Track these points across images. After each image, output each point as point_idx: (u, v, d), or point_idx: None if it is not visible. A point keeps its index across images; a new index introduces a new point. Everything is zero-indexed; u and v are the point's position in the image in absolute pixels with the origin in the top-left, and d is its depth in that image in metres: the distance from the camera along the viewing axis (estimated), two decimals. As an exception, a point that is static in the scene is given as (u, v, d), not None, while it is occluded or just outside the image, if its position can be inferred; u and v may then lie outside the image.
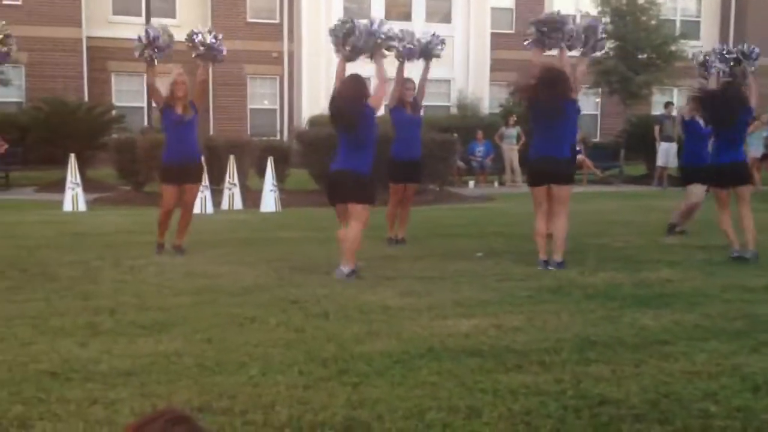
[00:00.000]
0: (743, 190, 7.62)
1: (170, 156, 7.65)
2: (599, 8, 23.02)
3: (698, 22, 28.75)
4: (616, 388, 3.77)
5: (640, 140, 20.49)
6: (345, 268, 6.56)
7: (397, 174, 8.54)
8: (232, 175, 13.26)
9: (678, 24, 27.14)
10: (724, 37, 28.85)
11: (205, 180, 12.35)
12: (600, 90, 22.77)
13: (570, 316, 5.22)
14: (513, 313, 5.29)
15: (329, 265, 7.05)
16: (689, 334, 4.76)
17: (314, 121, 18.04)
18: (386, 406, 3.48)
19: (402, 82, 8.56)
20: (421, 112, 9.00)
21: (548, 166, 7.07)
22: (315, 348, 4.39)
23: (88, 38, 23.67)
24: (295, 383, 3.78)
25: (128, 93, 23.76)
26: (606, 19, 22.88)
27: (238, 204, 13.23)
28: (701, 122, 8.70)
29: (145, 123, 21.72)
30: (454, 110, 23.49)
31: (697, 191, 9.04)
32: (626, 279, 6.53)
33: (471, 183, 19.06)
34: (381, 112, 7.74)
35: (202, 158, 8.36)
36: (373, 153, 6.76)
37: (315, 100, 21.02)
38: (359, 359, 4.18)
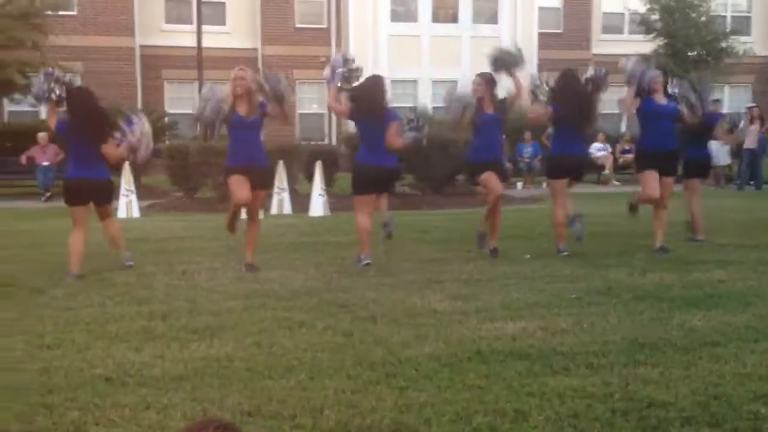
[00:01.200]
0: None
1: (232, 161, 7.22)
2: (648, 5, 22.75)
3: (749, 18, 28.12)
4: (665, 390, 3.75)
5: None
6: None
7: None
8: (281, 179, 13.43)
9: (729, 20, 26.59)
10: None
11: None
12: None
13: (618, 318, 5.19)
14: (561, 315, 5.28)
15: (377, 268, 7.12)
16: (740, 335, 4.69)
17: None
18: (433, 410, 3.52)
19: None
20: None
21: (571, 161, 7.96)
22: (363, 352, 4.45)
23: (142, 47, 24.23)
24: (344, 387, 3.83)
25: (180, 100, 24.19)
26: (655, 16, 22.62)
27: (287, 209, 13.40)
28: None
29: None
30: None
31: None
32: (676, 280, 6.46)
33: (519, 184, 18.96)
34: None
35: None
36: None
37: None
38: (407, 363, 4.22)
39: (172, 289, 6.39)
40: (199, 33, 21.46)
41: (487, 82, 8.01)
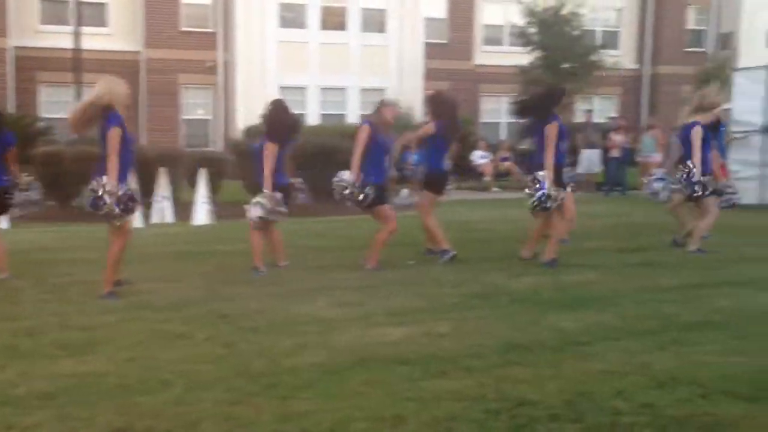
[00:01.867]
0: None
1: None
2: (526, 19, 23.59)
3: (617, 32, 29.66)
4: (535, 389, 3.93)
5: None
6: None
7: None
8: (163, 187, 13.12)
9: (599, 34, 27.95)
10: (641, 46, 29.90)
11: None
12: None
13: (495, 321, 5.40)
14: (442, 320, 5.43)
15: (262, 278, 7.11)
16: (605, 335, 4.99)
17: (250, 132, 17.95)
18: (313, 419, 3.56)
19: None
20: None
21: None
22: (244, 363, 4.44)
23: (15, 48, 23.17)
24: (222, 399, 3.82)
25: (56, 104, 23.21)
26: (533, 30, 23.52)
27: (169, 217, 13.10)
28: None
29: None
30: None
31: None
32: (549, 283, 6.77)
33: (404, 191, 19.21)
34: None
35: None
36: None
37: (250, 110, 20.95)
38: (289, 372, 4.25)
39: (41, 303, 6.13)
40: (77, 34, 20.72)
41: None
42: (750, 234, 9.95)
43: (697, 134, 8.26)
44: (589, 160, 18.98)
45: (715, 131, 8.85)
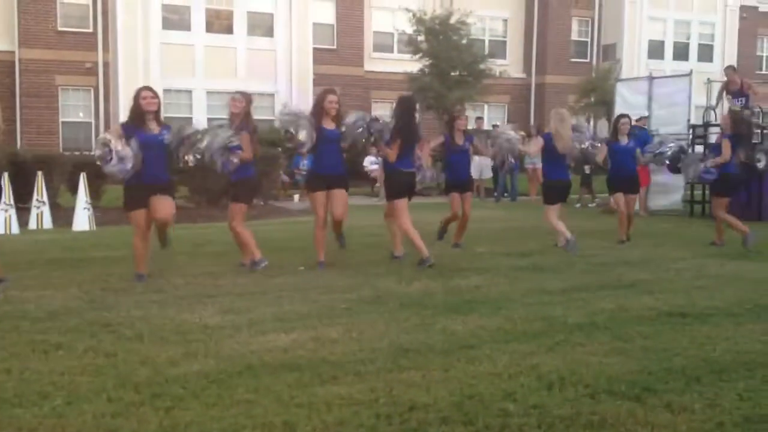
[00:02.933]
0: None
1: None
2: (414, 27, 23.91)
3: (505, 42, 30.56)
4: (426, 393, 3.93)
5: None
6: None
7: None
8: (40, 192, 12.53)
9: (487, 44, 28.72)
10: (527, 56, 30.92)
11: (9, 198, 11.64)
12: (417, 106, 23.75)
13: (385, 326, 5.39)
14: (332, 325, 5.38)
15: (145, 285, 6.86)
16: (493, 338, 5.05)
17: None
18: (199, 429, 3.44)
19: None
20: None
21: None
22: (126, 373, 4.25)
23: None
24: (104, 411, 3.64)
25: None
26: (421, 38, 23.89)
27: (47, 223, 12.52)
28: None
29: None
30: (278, 124, 23.50)
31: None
32: (439, 287, 6.83)
33: (296, 197, 19.12)
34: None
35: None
36: None
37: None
38: (174, 382, 4.09)
39: None
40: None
41: (248, 102, 8.12)
42: (633, 238, 10.36)
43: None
44: (480, 166, 19.41)
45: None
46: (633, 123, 13.82)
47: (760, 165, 12.80)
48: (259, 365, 4.42)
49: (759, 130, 13.75)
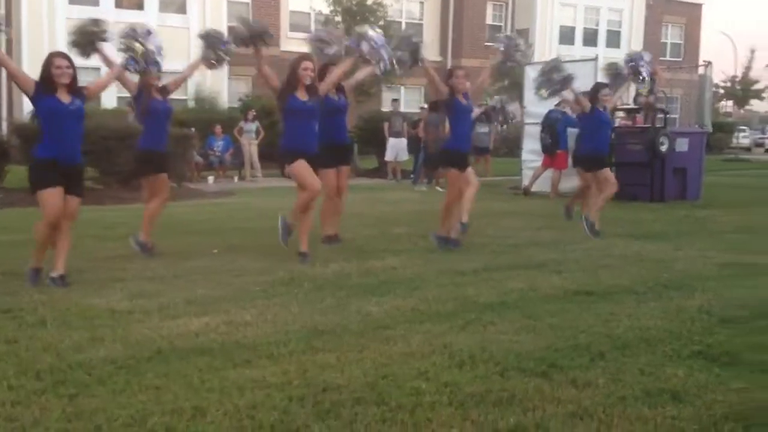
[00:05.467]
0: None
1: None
2: (331, 8, 23.76)
3: (421, 25, 30.70)
4: (340, 374, 3.93)
5: (371, 135, 21.41)
6: None
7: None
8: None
9: (403, 26, 28.78)
10: (444, 39, 31.19)
11: None
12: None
13: (300, 308, 5.36)
14: (245, 309, 5.32)
15: (48, 269, 6.63)
16: (407, 318, 5.09)
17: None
18: (105, 416, 3.35)
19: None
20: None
21: None
22: (28, 359, 4.11)
23: None
24: (3, 400, 3.50)
25: None
26: (338, 18, 23.76)
27: (-54, 206, 11.94)
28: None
29: None
30: (191, 104, 23.02)
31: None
32: (354, 268, 6.82)
33: (210, 178, 18.79)
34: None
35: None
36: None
37: (37, 91, 19.52)
38: (79, 368, 3.97)
39: None
40: None
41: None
42: (541, 220, 10.60)
43: None
44: (396, 148, 19.47)
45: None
46: (554, 108, 14.15)
47: (663, 148, 13.24)
48: (169, 350, 4.34)
49: (662, 115, 14.20)
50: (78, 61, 6.62)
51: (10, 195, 12.96)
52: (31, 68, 6.83)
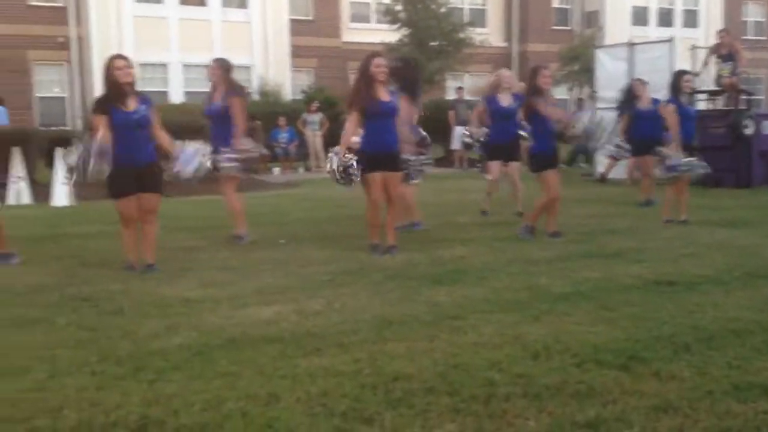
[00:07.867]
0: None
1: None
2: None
3: (484, 10, 30.35)
4: (410, 363, 3.90)
5: (437, 124, 21.28)
6: None
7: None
8: (18, 167, 12.40)
9: (466, 12, 28.52)
10: (508, 24, 30.75)
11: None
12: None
13: (368, 298, 5.36)
14: (314, 298, 5.34)
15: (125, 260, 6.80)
16: (477, 308, 5.01)
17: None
18: (182, 401, 3.40)
19: None
20: None
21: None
22: (108, 346, 4.21)
23: None
24: (86, 385, 3.60)
25: None
26: (399, 7, 23.66)
27: (26, 199, 12.38)
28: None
29: None
30: (256, 97, 23.26)
31: None
32: (423, 258, 6.78)
33: (276, 170, 19.01)
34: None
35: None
36: None
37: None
38: (156, 355, 4.05)
39: None
40: None
41: (224, 68, 7.85)
42: (615, 207, 10.37)
43: None
44: (462, 136, 19.29)
45: None
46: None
47: (748, 131, 12.80)
48: (241, 338, 4.38)
49: (746, 96, 13.73)
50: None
51: (85, 188, 13.31)
52: (101, 65, 6.95)
